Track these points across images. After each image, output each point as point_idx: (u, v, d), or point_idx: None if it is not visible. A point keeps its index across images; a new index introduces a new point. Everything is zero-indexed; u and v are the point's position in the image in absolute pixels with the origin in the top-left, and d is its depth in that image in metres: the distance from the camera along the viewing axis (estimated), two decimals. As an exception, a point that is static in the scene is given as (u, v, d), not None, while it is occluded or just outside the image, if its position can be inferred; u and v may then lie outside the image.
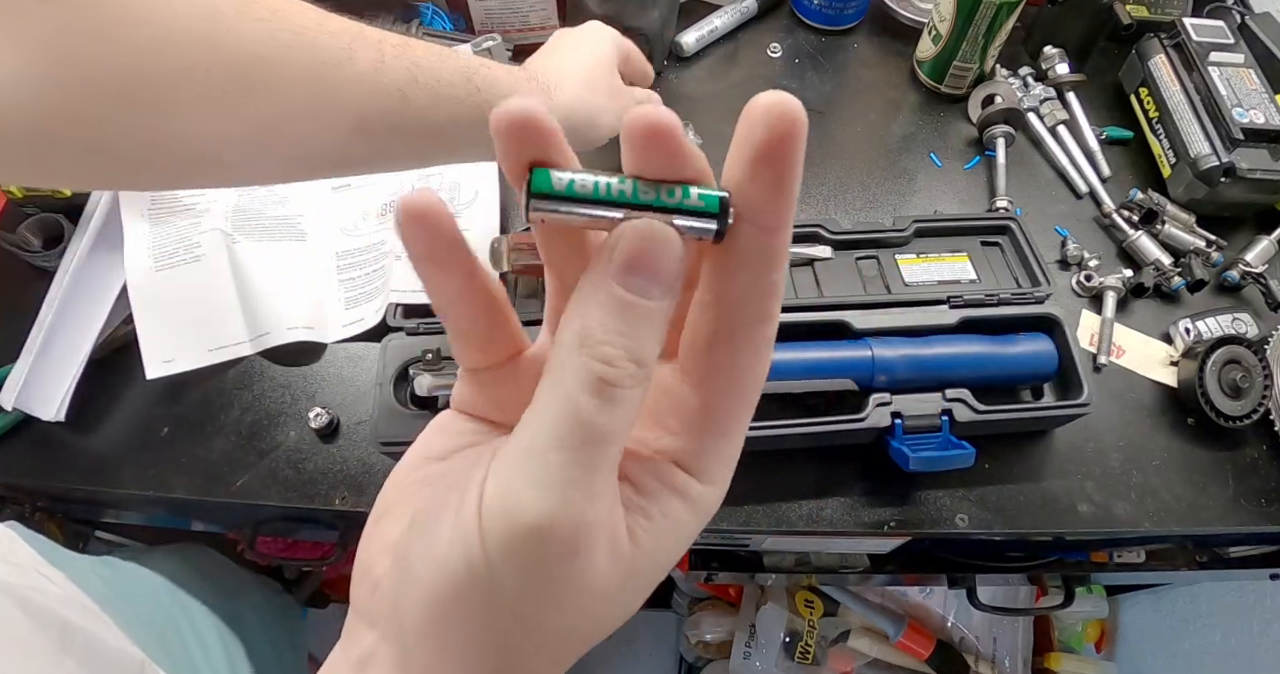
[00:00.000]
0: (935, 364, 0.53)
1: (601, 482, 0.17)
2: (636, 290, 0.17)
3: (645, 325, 0.17)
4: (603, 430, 0.17)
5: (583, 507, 0.17)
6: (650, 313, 0.17)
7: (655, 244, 0.17)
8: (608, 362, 0.17)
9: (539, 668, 0.19)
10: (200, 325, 0.58)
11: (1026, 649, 1.13)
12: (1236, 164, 0.62)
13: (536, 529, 0.17)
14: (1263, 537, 0.62)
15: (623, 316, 0.17)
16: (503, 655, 0.19)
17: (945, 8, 0.69)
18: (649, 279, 0.17)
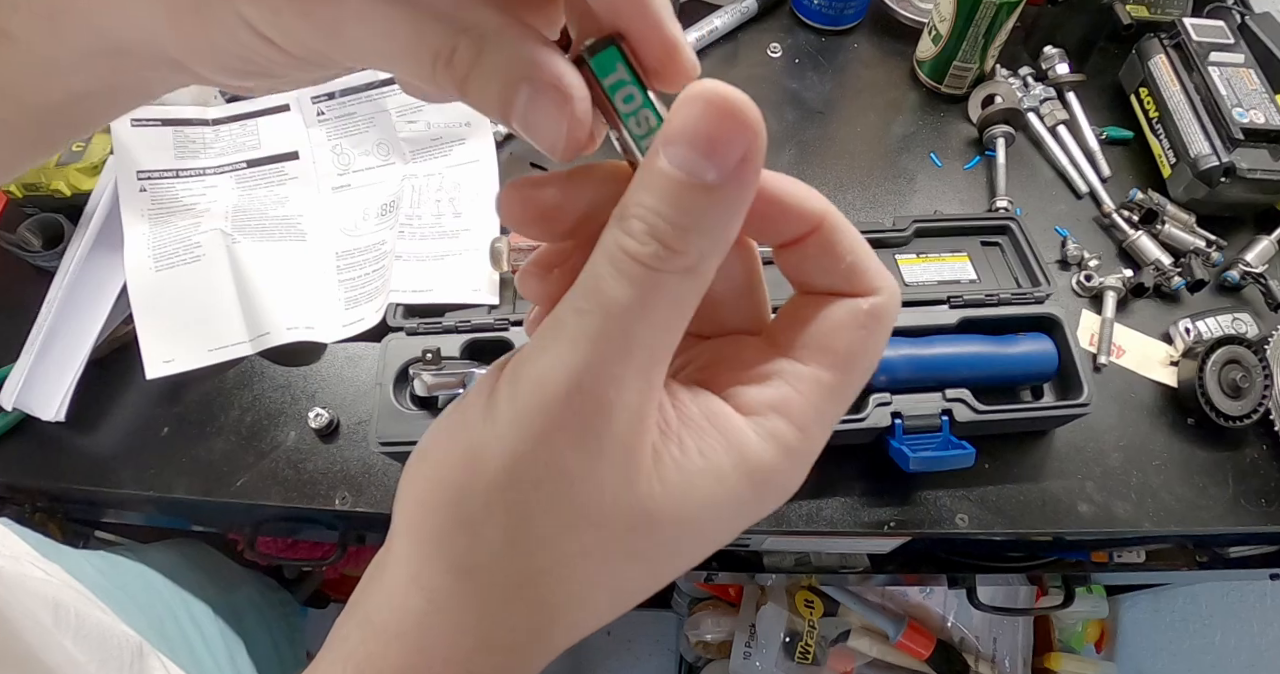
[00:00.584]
0: (935, 364, 0.53)
1: (610, 367, 0.16)
2: (680, 163, 0.15)
3: (693, 207, 0.15)
4: (617, 304, 0.16)
5: (585, 379, 0.16)
6: (702, 193, 0.15)
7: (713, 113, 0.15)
8: (633, 234, 0.16)
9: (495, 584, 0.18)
10: (200, 325, 0.58)
11: (1026, 649, 1.13)
12: (1236, 164, 0.62)
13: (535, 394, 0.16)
14: (1263, 537, 0.62)
15: (659, 187, 0.15)
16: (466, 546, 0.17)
17: (945, 8, 0.69)
18: (704, 155, 0.15)
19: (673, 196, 0.15)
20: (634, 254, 0.15)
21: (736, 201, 0.16)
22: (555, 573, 0.17)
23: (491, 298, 0.59)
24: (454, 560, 0.17)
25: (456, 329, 0.55)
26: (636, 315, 0.16)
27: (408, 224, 0.63)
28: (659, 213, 0.15)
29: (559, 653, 0.19)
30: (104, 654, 0.41)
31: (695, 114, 0.15)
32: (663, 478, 0.17)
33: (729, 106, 0.15)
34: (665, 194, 0.15)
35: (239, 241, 0.62)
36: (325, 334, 0.60)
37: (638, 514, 0.17)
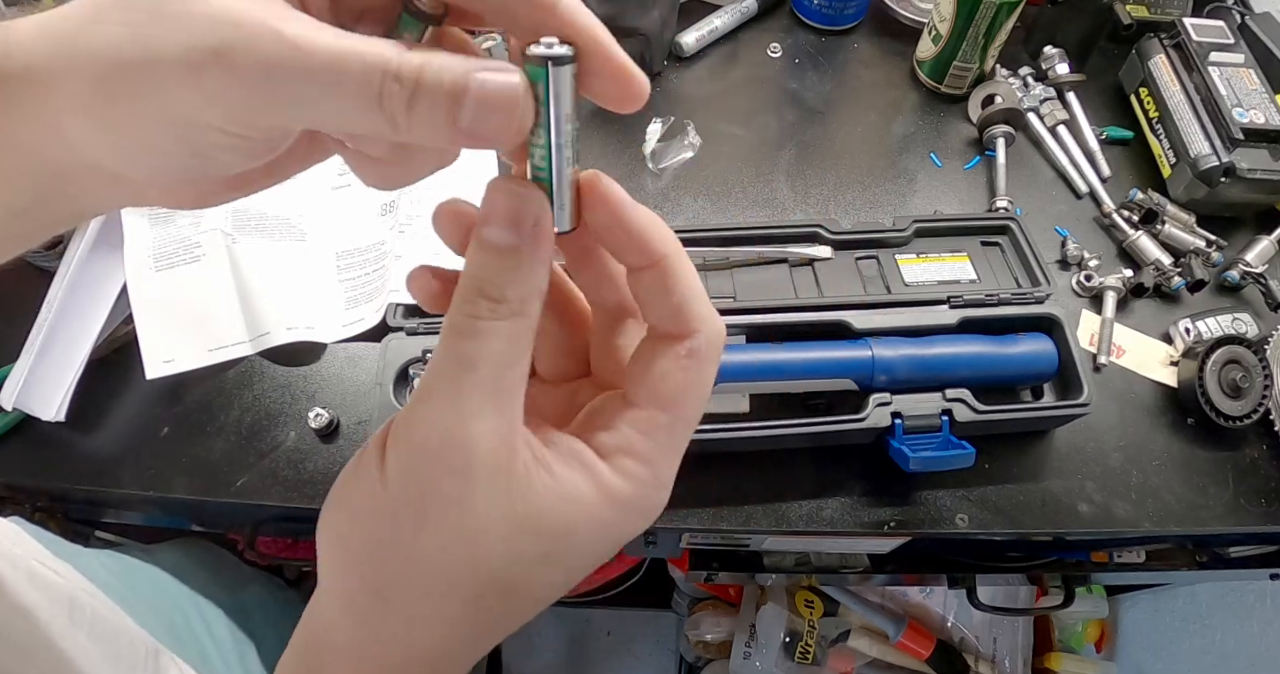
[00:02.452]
0: (935, 364, 0.53)
1: (473, 404, 0.19)
2: (496, 238, 0.20)
3: (506, 267, 0.20)
4: (467, 356, 0.19)
5: (453, 420, 0.19)
6: (510, 255, 0.20)
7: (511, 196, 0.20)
8: (466, 299, 0.20)
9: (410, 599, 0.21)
10: (200, 325, 0.58)
11: (1026, 649, 1.13)
12: (1236, 164, 0.62)
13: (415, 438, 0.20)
14: (1263, 537, 0.62)
15: (483, 260, 0.20)
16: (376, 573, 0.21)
17: (945, 8, 0.69)
18: (505, 226, 0.20)
19: (491, 262, 0.20)
20: (471, 313, 0.20)
21: (538, 254, 0.20)
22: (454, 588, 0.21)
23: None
24: (372, 584, 0.21)
25: (456, 329, 0.55)
26: (483, 358, 0.20)
27: (408, 224, 0.63)
28: (482, 277, 0.20)
29: (485, 652, 0.23)
30: (118, 652, 0.41)
31: (498, 200, 0.20)
32: (535, 491, 0.20)
33: (519, 191, 0.20)
34: (485, 261, 0.20)
35: (239, 241, 0.62)
36: (325, 334, 0.59)
37: (513, 521, 0.20)
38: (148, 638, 0.44)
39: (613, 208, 0.21)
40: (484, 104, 0.18)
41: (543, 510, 0.20)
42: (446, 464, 0.19)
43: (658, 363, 0.22)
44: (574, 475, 0.21)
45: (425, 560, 0.20)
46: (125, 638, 0.43)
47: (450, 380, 0.20)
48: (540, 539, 0.21)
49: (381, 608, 0.21)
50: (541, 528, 0.20)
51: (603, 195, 0.21)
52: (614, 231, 0.21)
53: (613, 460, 0.21)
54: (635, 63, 0.21)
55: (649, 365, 0.22)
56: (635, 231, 0.21)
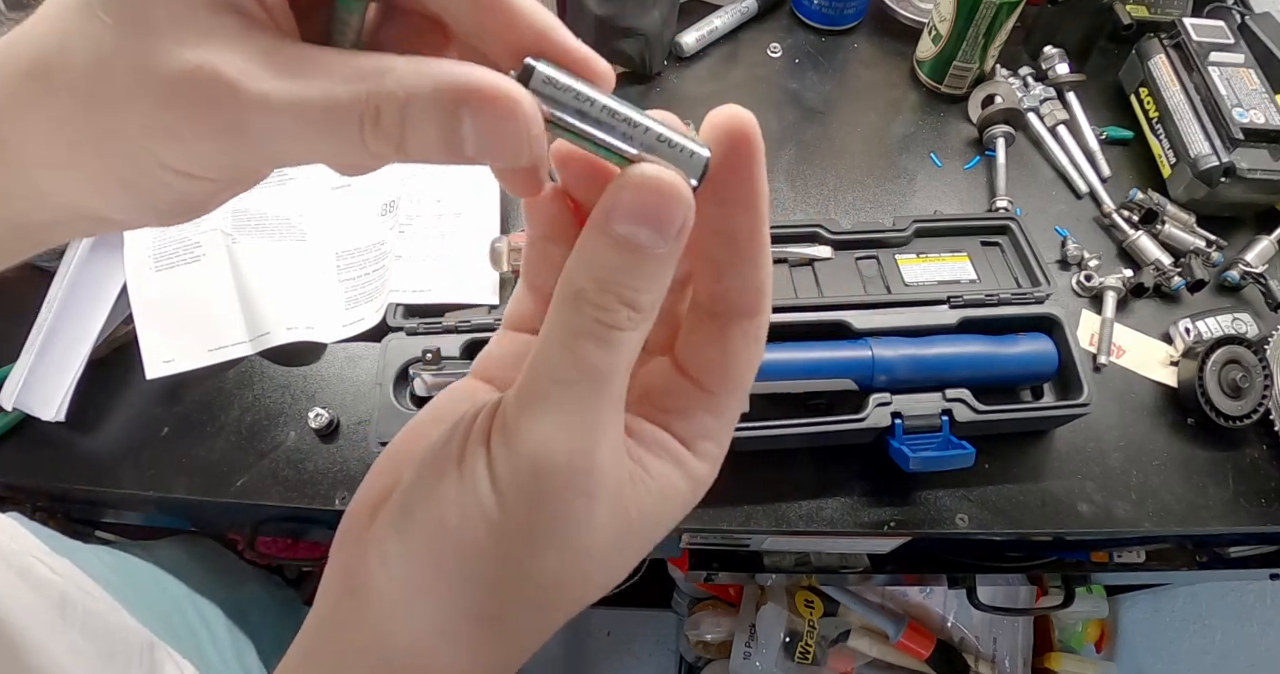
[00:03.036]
0: (935, 364, 0.53)
1: (604, 422, 0.18)
2: (637, 238, 0.17)
3: (645, 274, 0.18)
4: (601, 370, 0.18)
5: (588, 443, 0.18)
6: (652, 262, 0.18)
7: (654, 194, 0.17)
8: (605, 307, 0.18)
9: (521, 622, 0.20)
10: (200, 325, 0.58)
11: (1026, 649, 1.13)
12: (1236, 164, 0.62)
13: (543, 461, 0.18)
14: (1263, 537, 0.62)
15: (624, 265, 0.18)
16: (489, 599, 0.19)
17: (945, 8, 0.69)
18: (651, 228, 0.17)
19: (632, 264, 0.18)
20: (610, 323, 0.18)
21: (676, 258, 0.18)
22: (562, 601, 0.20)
23: (491, 298, 0.59)
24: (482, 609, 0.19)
25: (456, 329, 0.55)
26: (616, 372, 0.18)
27: (408, 224, 0.63)
28: (620, 282, 0.18)
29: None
30: (112, 648, 0.41)
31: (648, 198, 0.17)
32: (640, 496, 0.20)
33: (674, 190, 0.17)
34: (624, 263, 0.18)
35: (239, 241, 0.62)
36: (325, 334, 0.59)
37: (626, 530, 0.20)
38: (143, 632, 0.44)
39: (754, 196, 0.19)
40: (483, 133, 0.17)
41: (646, 512, 0.20)
42: (575, 487, 0.18)
43: (732, 344, 0.21)
44: (668, 471, 0.20)
45: (542, 581, 0.19)
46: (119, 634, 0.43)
47: (579, 394, 0.18)
48: (643, 538, 0.20)
49: (493, 634, 0.19)
50: (646, 528, 0.20)
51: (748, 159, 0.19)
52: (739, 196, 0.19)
53: (695, 447, 0.21)
54: (635, 63, 0.20)
55: (723, 347, 0.21)
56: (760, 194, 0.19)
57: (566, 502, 0.18)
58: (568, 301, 0.18)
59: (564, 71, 0.18)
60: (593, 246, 0.18)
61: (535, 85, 0.17)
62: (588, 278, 0.18)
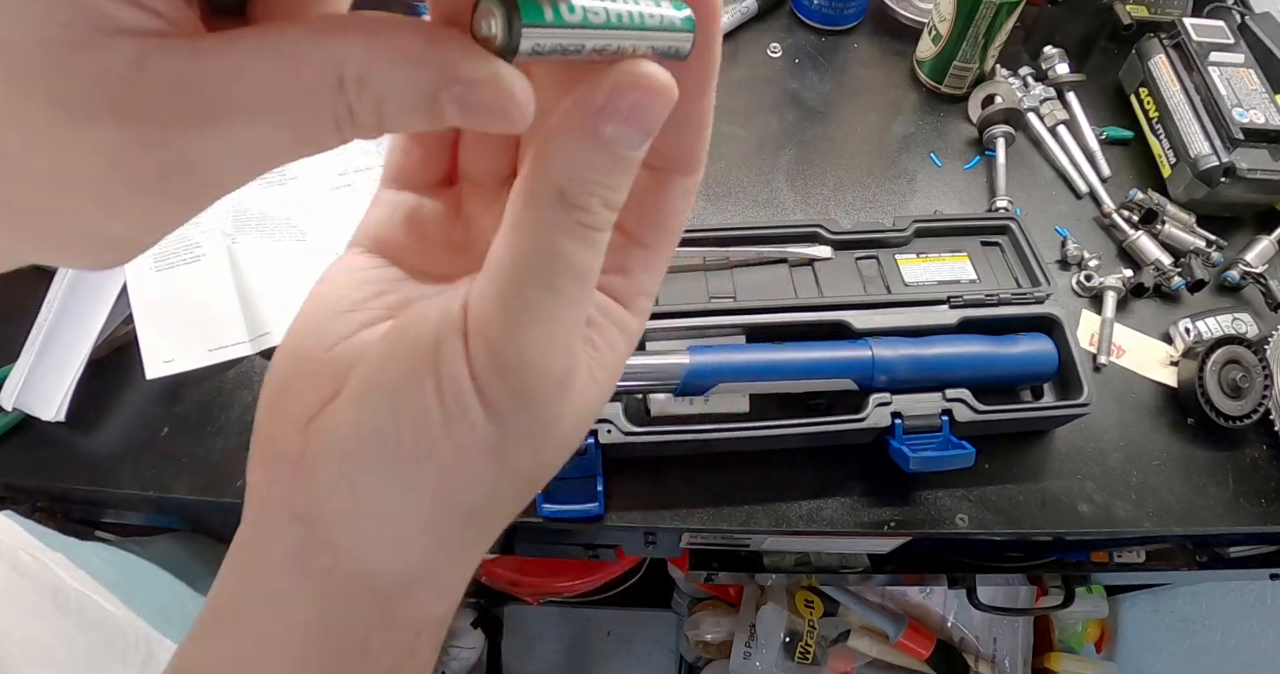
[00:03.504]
0: (935, 364, 0.53)
1: (581, 320, 0.18)
2: (624, 141, 0.17)
3: (627, 173, 0.18)
4: (585, 272, 0.18)
5: (570, 344, 0.18)
6: (633, 162, 0.18)
7: (650, 94, 0.17)
8: (589, 210, 0.17)
9: (502, 518, 0.20)
10: (200, 325, 0.58)
11: (1026, 649, 1.13)
12: (1236, 164, 0.62)
13: (532, 368, 0.17)
14: (1263, 537, 0.62)
15: (608, 167, 0.17)
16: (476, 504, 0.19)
17: (945, 8, 0.69)
18: (639, 130, 0.17)
19: (617, 167, 0.17)
20: (592, 224, 0.17)
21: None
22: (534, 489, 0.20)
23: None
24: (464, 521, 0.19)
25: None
26: (594, 271, 0.18)
27: (408, 224, 0.63)
28: (601, 182, 0.17)
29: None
30: (107, 638, 0.41)
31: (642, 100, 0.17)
32: (596, 378, 0.20)
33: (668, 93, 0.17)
34: (606, 165, 0.17)
35: (239, 241, 0.62)
36: (325, 334, 0.59)
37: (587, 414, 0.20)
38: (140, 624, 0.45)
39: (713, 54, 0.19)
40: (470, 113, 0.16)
41: (601, 385, 0.20)
42: (561, 389, 0.18)
43: (670, 201, 0.21)
44: (615, 340, 0.20)
45: (526, 480, 0.19)
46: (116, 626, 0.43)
47: (565, 298, 0.17)
48: (598, 408, 0.20)
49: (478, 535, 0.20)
50: (600, 399, 0.20)
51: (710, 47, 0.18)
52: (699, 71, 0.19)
53: (632, 304, 0.21)
54: None
55: (661, 204, 0.21)
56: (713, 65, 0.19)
57: (555, 405, 0.18)
58: (549, 202, 0.17)
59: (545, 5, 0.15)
60: (577, 147, 0.17)
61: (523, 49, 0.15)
62: (571, 179, 0.17)
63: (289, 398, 0.19)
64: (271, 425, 0.19)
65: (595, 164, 0.17)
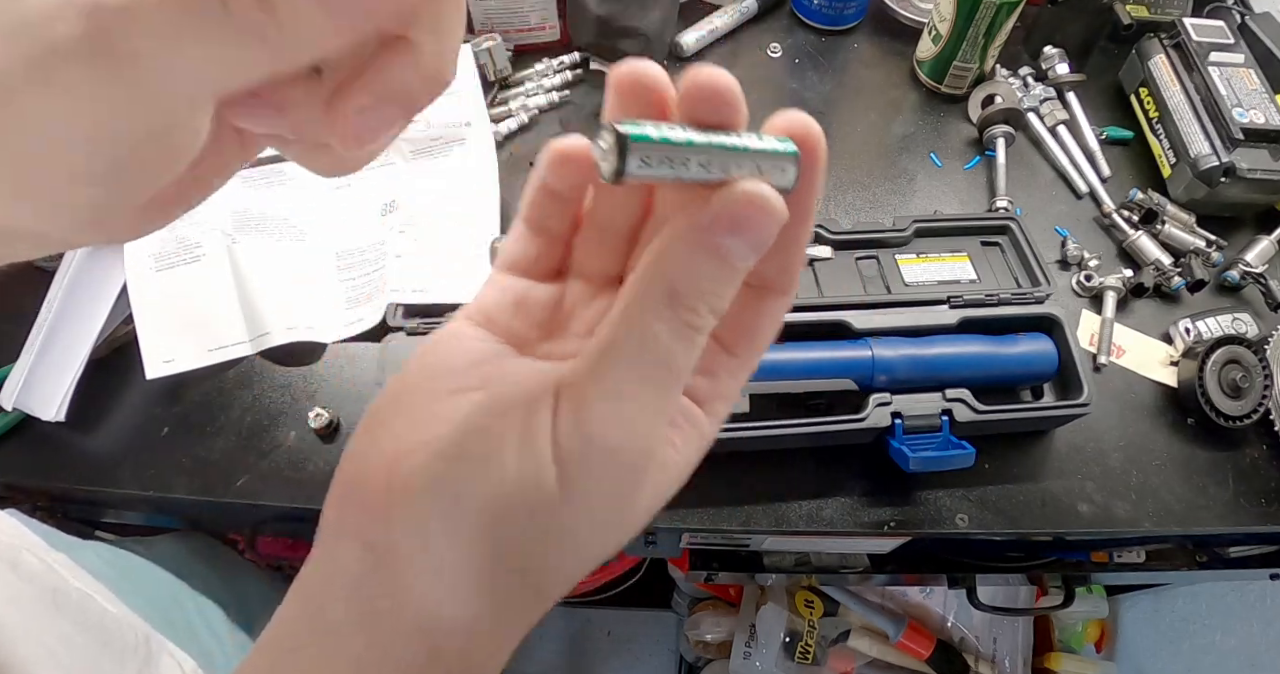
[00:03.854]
0: (935, 364, 0.53)
1: (670, 409, 0.20)
2: (736, 253, 0.18)
3: (733, 283, 0.19)
4: (681, 367, 0.19)
5: (653, 436, 0.19)
6: (741, 273, 0.19)
7: (762, 212, 0.18)
8: (697, 312, 0.19)
9: (558, 583, 0.21)
10: (200, 325, 0.58)
11: (1026, 649, 1.13)
12: (1236, 164, 0.62)
13: (615, 454, 0.19)
14: (1263, 537, 0.62)
15: (718, 275, 0.19)
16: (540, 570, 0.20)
17: (945, 8, 0.69)
18: (750, 244, 0.18)
19: (727, 276, 0.19)
20: (697, 326, 0.19)
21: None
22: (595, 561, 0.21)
23: (491, 298, 0.59)
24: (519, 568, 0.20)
25: (456, 329, 0.55)
26: (689, 368, 0.19)
27: (408, 224, 0.63)
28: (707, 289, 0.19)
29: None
30: (107, 639, 0.41)
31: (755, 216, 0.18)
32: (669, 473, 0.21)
33: (778, 212, 0.18)
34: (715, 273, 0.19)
35: (239, 241, 0.62)
36: (325, 334, 0.59)
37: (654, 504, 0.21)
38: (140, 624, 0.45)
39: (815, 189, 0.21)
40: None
41: (672, 480, 0.21)
42: (636, 472, 0.19)
43: (763, 317, 0.22)
44: (690, 437, 0.22)
45: (587, 551, 0.20)
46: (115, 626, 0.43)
47: (658, 389, 0.19)
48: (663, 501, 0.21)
49: (531, 596, 0.20)
50: (667, 494, 0.21)
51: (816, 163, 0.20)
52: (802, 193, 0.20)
53: (710, 407, 0.22)
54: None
55: (755, 318, 0.22)
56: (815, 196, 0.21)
57: (627, 485, 0.19)
58: (660, 299, 0.18)
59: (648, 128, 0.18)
60: (692, 252, 0.18)
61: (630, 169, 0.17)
62: (684, 282, 0.18)
63: (383, 438, 0.20)
64: (361, 459, 0.20)
65: (707, 270, 0.19)
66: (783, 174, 0.19)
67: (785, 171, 0.19)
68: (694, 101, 0.19)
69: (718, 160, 0.18)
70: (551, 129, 0.73)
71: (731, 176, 0.18)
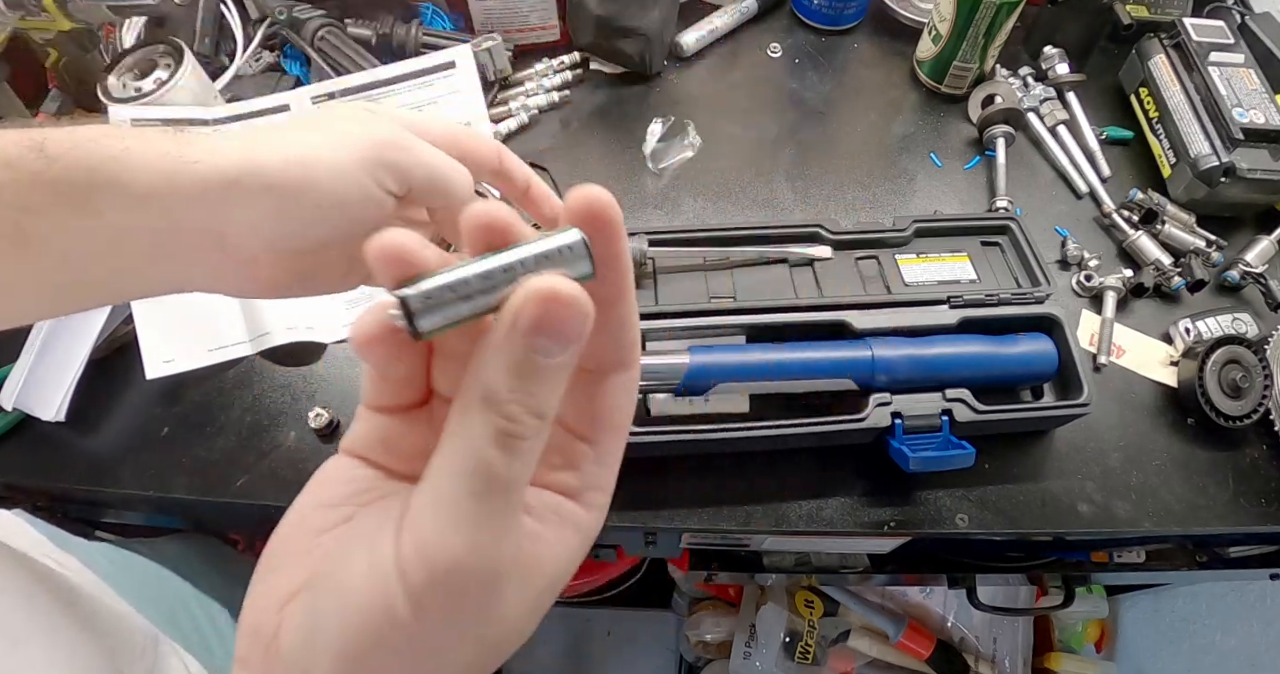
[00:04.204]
0: (935, 364, 0.53)
1: (510, 522, 0.19)
2: (541, 351, 0.18)
3: (549, 382, 0.18)
4: (509, 479, 0.18)
5: (497, 546, 0.19)
6: (554, 370, 0.18)
7: (559, 306, 0.17)
8: (512, 419, 0.18)
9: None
10: (200, 325, 0.58)
11: (1026, 649, 1.13)
12: (1236, 164, 0.62)
13: (457, 570, 0.18)
14: (1263, 537, 0.62)
15: (528, 376, 0.18)
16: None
17: (945, 8, 0.69)
18: (554, 339, 0.18)
19: (539, 377, 0.18)
20: (517, 433, 0.18)
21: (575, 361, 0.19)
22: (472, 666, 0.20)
23: (491, 298, 0.59)
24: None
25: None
26: (522, 479, 0.19)
27: (408, 224, 0.63)
28: (527, 392, 0.18)
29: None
30: (117, 642, 0.42)
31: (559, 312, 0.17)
32: (542, 570, 0.21)
33: (579, 304, 0.18)
34: (531, 377, 0.18)
35: (239, 241, 0.62)
36: (325, 334, 0.59)
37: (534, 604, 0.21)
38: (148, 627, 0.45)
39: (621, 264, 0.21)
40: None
41: (549, 576, 0.21)
42: (486, 587, 0.19)
43: (609, 397, 0.22)
44: (565, 535, 0.21)
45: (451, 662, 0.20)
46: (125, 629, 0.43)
47: (488, 505, 0.18)
48: (549, 597, 0.21)
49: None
50: (550, 590, 0.21)
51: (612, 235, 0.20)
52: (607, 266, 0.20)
53: (583, 499, 0.22)
54: (635, 63, 0.21)
55: (602, 401, 0.22)
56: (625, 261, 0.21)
57: (479, 601, 0.19)
58: (474, 410, 0.18)
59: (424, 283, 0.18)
60: (497, 360, 0.18)
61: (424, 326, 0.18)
62: (492, 388, 0.18)
63: (272, 580, 0.21)
64: (255, 606, 0.21)
65: (514, 374, 0.18)
66: (578, 264, 0.19)
67: (579, 261, 0.19)
68: (471, 236, 0.19)
69: (502, 278, 0.18)
70: (551, 128, 0.73)
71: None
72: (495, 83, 0.73)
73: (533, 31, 0.75)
